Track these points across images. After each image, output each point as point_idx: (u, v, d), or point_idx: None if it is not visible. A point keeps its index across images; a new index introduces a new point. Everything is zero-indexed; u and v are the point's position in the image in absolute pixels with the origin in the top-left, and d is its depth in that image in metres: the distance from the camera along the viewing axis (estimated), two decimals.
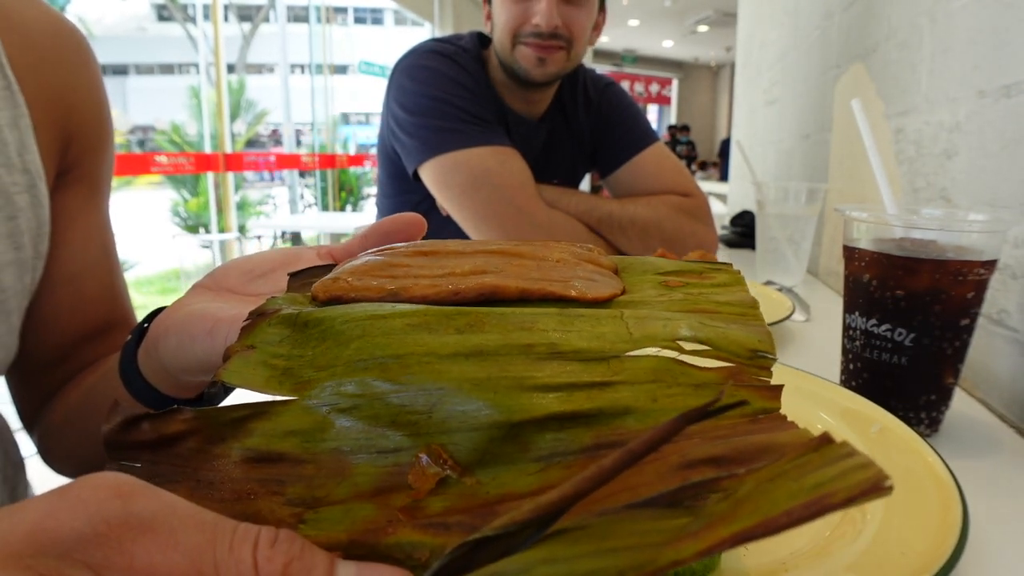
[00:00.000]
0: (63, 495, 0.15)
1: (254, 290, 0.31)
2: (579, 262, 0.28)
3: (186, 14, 12.61)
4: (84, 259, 0.45)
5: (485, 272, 0.25)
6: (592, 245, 0.31)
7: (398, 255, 0.28)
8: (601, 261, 0.29)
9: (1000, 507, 0.35)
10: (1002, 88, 0.51)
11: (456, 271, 0.26)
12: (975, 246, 0.40)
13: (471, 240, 0.28)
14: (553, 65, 0.97)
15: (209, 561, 0.15)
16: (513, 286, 0.24)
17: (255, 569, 0.16)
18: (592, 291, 0.25)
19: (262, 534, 0.16)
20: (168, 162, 4.22)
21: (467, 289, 0.24)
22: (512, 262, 0.27)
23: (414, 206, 1.08)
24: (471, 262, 0.26)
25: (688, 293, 0.27)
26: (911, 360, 0.41)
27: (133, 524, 0.15)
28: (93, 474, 0.16)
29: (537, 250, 0.28)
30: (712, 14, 8.62)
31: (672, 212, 1.01)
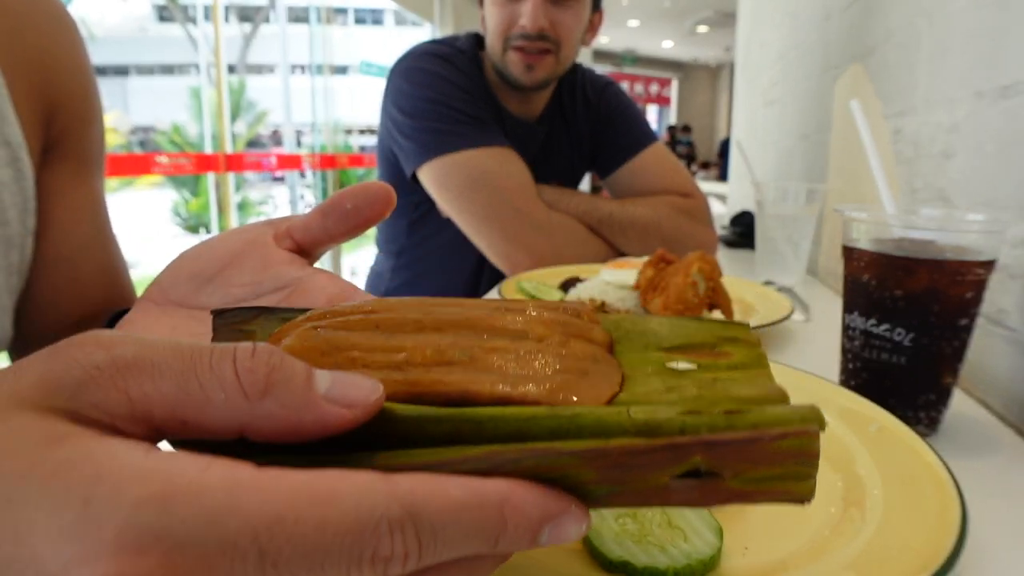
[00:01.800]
0: (53, 355, 0.17)
1: (203, 301, 0.30)
2: (566, 338, 0.23)
3: (187, 15, 12.62)
4: (77, 239, 0.44)
5: (451, 363, 0.21)
6: (580, 306, 0.25)
7: (346, 327, 0.23)
8: (593, 334, 0.24)
9: (999, 507, 0.35)
10: (1000, 89, 0.51)
11: (415, 358, 0.21)
12: (974, 246, 0.40)
13: (433, 301, 0.24)
14: (542, 71, 0.98)
15: (193, 381, 0.16)
16: (487, 391, 0.20)
17: (238, 381, 0.17)
18: (585, 394, 0.20)
19: (238, 350, 0.17)
20: (169, 162, 4.22)
21: (429, 392, 0.20)
22: (484, 343, 0.22)
23: (414, 208, 1.08)
24: (433, 342, 0.22)
25: (701, 382, 0.22)
26: (910, 360, 0.41)
27: (120, 365, 0.16)
28: (73, 336, 0.17)
29: (514, 322, 0.23)
30: (712, 14, 8.62)
31: (672, 212, 1.01)
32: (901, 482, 0.32)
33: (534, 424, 0.18)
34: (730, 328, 0.25)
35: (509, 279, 0.80)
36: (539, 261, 0.91)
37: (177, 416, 0.16)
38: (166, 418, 0.16)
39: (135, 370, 0.16)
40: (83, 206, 0.45)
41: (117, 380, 0.16)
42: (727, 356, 0.23)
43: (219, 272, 0.30)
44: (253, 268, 0.30)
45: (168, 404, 0.16)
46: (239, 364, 0.17)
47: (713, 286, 0.64)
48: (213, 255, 0.30)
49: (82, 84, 0.44)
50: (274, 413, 0.17)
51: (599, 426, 0.18)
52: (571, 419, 0.18)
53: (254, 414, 0.17)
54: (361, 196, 0.29)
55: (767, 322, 0.64)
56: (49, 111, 0.42)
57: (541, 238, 0.92)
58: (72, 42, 0.44)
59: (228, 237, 0.31)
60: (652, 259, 0.69)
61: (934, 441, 0.43)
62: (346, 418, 0.18)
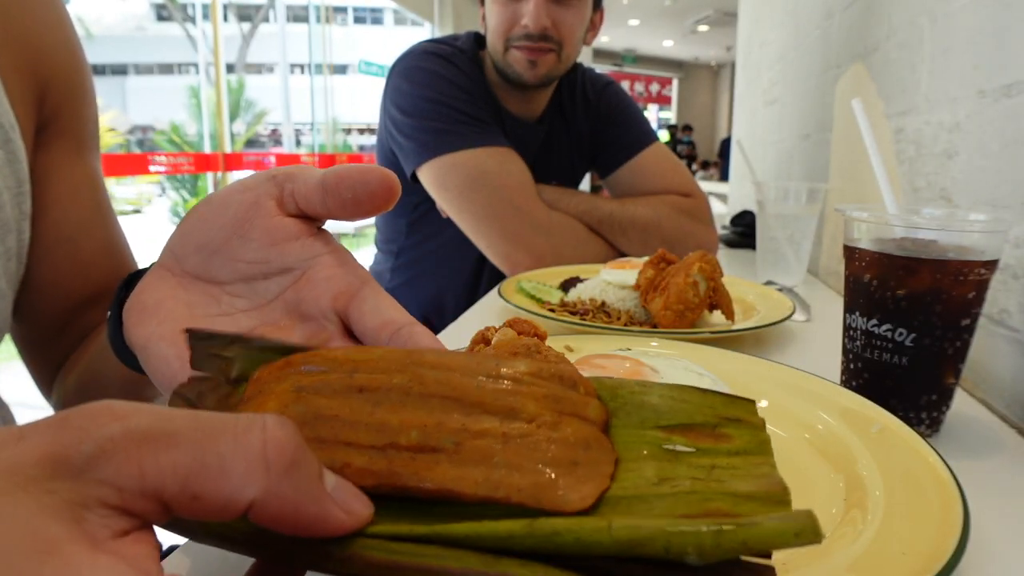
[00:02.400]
0: (62, 426, 0.15)
1: (214, 273, 0.29)
2: (559, 418, 0.21)
3: (185, 14, 12.60)
4: (76, 219, 0.44)
5: (436, 450, 0.20)
6: (576, 374, 0.24)
7: (328, 389, 0.22)
8: (587, 411, 0.22)
9: (1001, 507, 0.35)
10: (1002, 88, 0.51)
11: (399, 441, 0.20)
12: (976, 246, 0.40)
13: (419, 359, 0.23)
14: (544, 67, 0.98)
15: (212, 452, 0.16)
16: (470, 492, 0.19)
17: (264, 451, 0.16)
18: (572, 496, 0.20)
19: (269, 420, 0.17)
20: (167, 162, 4.22)
21: (413, 487, 0.20)
22: (471, 425, 0.21)
23: (413, 208, 1.08)
24: (419, 422, 0.21)
25: (697, 473, 0.21)
26: (912, 360, 0.41)
27: (135, 437, 0.15)
28: (84, 405, 0.16)
29: (504, 395, 0.22)
30: (712, 14, 8.62)
31: (672, 212, 1.01)
32: (903, 483, 0.32)
33: (513, 543, 0.18)
34: (734, 405, 0.24)
35: (509, 279, 0.80)
36: (539, 261, 0.91)
37: (189, 490, 0.16)
38: (177, 493, 0.16)
39: (150, 441, 0.15)
40: (80, 184, 0.45)
41: (131, 452, 0.15)
42: (728, 440, 0.22)
43: (226, 242, 0.28)
44: (260, 242, 0.28)
45: (181, 477, 0.16)
46: (269, 433, 0.16)
47: (714, 286, 0.64)
48: (218, 222, 0.28)
49: (72, 60, 0.44)
50: (286, 495, 0.16)
51: (578, 546, 0.17)
52: (549, 538, 0.18)
53: (269, 490, 0.16)
54: (360, 188, 0.27)
55: (768, 322, 0.63)
56: (41, 89, 0.41)
57: (541, 238, 0.92)
58: (60, 18, 0.43)
59: (231, 197, 0.29)
60: (652, 259, 0.69)
61: (936, 442, 0.42)
62: (344, 524, 0.18)
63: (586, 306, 0.71)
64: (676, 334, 0.60)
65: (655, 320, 0.64)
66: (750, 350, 0.62)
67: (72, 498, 0.15)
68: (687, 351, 0.51)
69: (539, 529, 0.18)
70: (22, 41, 0.40)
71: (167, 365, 0.27)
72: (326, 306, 0.28)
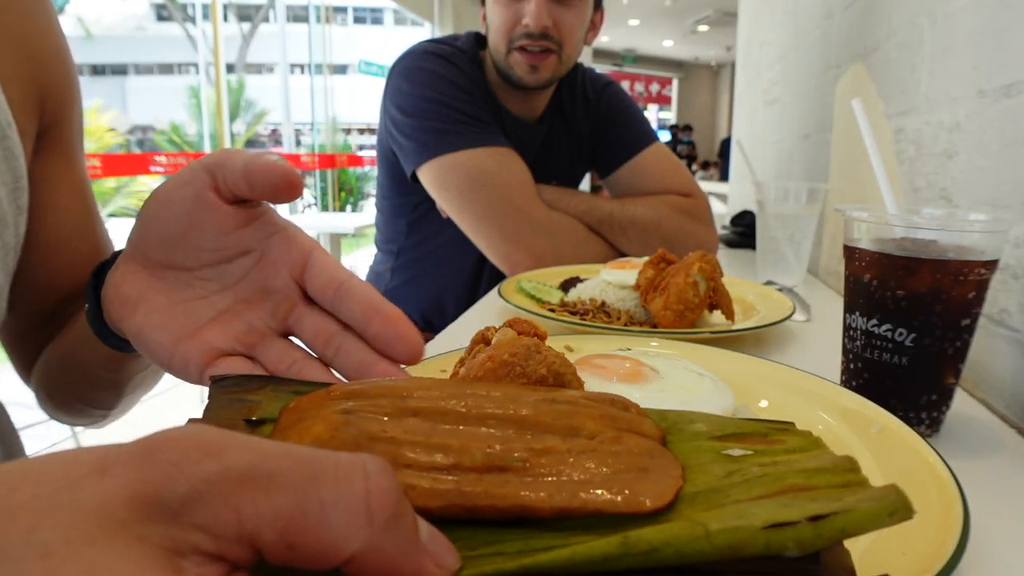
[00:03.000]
0: (149, 459, 0.14)
1: (180, 261, 0.31)
2: (619, 433, 0.22)
3: (185, 14, 12.61)
4: (72, 222, 0.46)
5: (504, 469, 0.20)
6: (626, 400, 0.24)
7: (377, 413, 0.21)
8: (644, 427, 0.23)
9: (1002, 507, 0.35)
10: (1002, 88, 0.51)
11: (462, 460, 0.20)
12: (976, 246, 0.40)
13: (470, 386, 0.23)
14: (546, 71, 0.98)
15: (313, 499, 0.14)
16: (547, 506, 0.19)
17: (366, 502, 0.15)
18: (650, 497, 0.19)
19: (370, 464, 0.15)
20: (168, 162, 4.22)
21: (484, 506, 0.19)
22: (535, 444, 0.20)
23: (413, 208, 1.08)
24: (482, 443, 0.20)
25: (763, 464, 0.21)
26: (912, 360, 0.41)
27: (232, 478, 0.14)
28: (170, 431, 0.15)
29: (562, 415, 0.22)
30: (712, 14, 8.62)
31: (672, 212, 1.01)
32: (903, 483, 0.32)
33: (609, 565, 0.17)
34: (777, 423, 0.24)
35: (509, 279, 0.80)
36: (539, 261, 0.91)
37: (287, 539, 0.14)
38: (274, 541, 0.14)
39: (249, 483, 0.14)
40: (75, 189, 0.46)
41: (229, 497, 0.14)
42: (781, 443, 0.23)
43: (183, 235, 0.30)
44: (213, 232, 0.30)
45: (281, 525, 0.14)
46: (372, 482, 0.15)
47: (714, 286, 0.64)
48: (170, 215, 0.30)
49: (66, 67, 0.45)
50: (386, 550, 0.15)
51: (678, 558, 0.17)
52: (648, 555, 0.17)
53: (371, 544, 0.15)
54: (268, 191, 0.29)
55: (768, 322, 0.63)
56: (40, 97, 0.42)
57: (541, 238, 0.92)
58: (53, 25, 0.44)
59: (172, 193, 0.30)
60: (652, 259, 0.69)
61: (936, 442, 0.42)
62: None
63: (586, 306, 0.71)
64: (676, 334, 0.60)
65: (655, 320, 0.64)
66: (750, 350, 0.62)
67: (167, 545, 0.13)
68: (687, 351, 0.51)
69: (635, 546, 0.17)
70: (22, 50, 0.41)
71: (163, 349, 0.30)
72: (286, 278, 0.31)
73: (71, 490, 0.13)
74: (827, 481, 0.20)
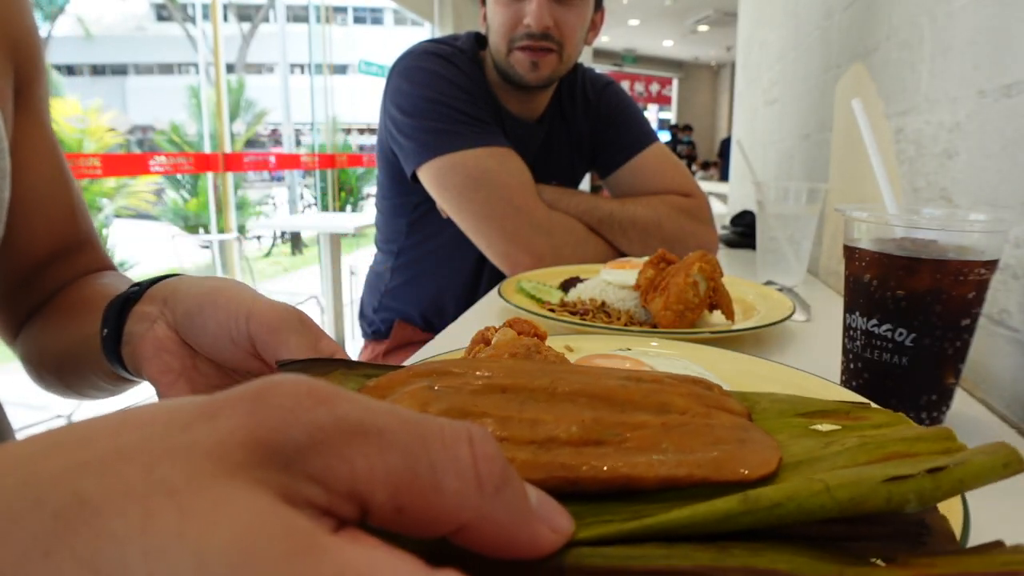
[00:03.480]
0: (258, 403, 0.13)
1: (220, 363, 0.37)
2: (708, 410, 0.22)
3: (185, 14, 12.61)
4: (48, 182, 0.47)
5: (601, 443, 0.19)
6: (709, 381, 0.24)
7: (465, 390, 0.21)
8: (730, 404, 0.23)
9: (1002, 508, 0.35)
10: (1002, 87, 0.51)
11: (558, 434, 0.19)
12: (976, 246, 0.40)
13: (556, 366, 0.22)
14: (546, 68, 0.98)
15: (424, 460, 0.14)
16: (651, 475, 0.18)
17: (475, 468, 0.14)
18: (754, 465, 0.19)
19: (474, 431, 0.15)
20: (167, 162, 4.22)
21: (587, 478, 0.18)
22: (629, 419, 0.20)
23: (413, 208, 1.08)
24: (575, 417, 0.20)
25: (858, 436, 0.21)
26: (912, 360, 0.41)
27: (346, 429, 0.13)
28: (276, 377, 0.14)
29: (651, 393, 0.21)
30: (712, 14, 8.62)
31: (672, 212, 1.01)
32: None
33: (731, 523, 0.16)
34: (856, 403, 0.25)
35: (509, 279, 0.80)
36: (539, 261, 0.91)
37: (397, 500, 0.13)
38: (384, 502, 0.13)
39: (361, 437, 0.13)
40: (49, 150, 0.48)
41: (343, 448, 0.13)
42: (867, 419, 0.23)
43: (229, 357, 0.36)
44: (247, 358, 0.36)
45: (393, 485, 0.13)
46: (477, 448, 0.14)
47: (714, 286, 0.64)
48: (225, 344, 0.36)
49: (32, 26, 0.46)
50: (499, 518, 0.14)
51: (800, 513, 0.16)
52: (770, 511, 0.16)
53: (481, 512, 0.14)
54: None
55: (768, 322, 0.63)
56: (13, 60, 0.43)
57: (541, 238, 0.91)
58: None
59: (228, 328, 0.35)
60: (653, 259, 0.69)
61: None
62: (553, 543, 0.15)
63: (586, 306, 0.71)
64: (676, 334, 0.60)
65: (655, 320, 0.64)
66: (750, 350, 0.62)
67: (282, 493, 0.12)
68: (687, 351, 0.51)
69: (756, 503, 0.17)
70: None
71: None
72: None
73: (183, 432, 0.13)
74: (928, 448, 0.20)
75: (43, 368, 0.47)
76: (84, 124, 6.03)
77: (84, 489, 0.11)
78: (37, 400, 1.97)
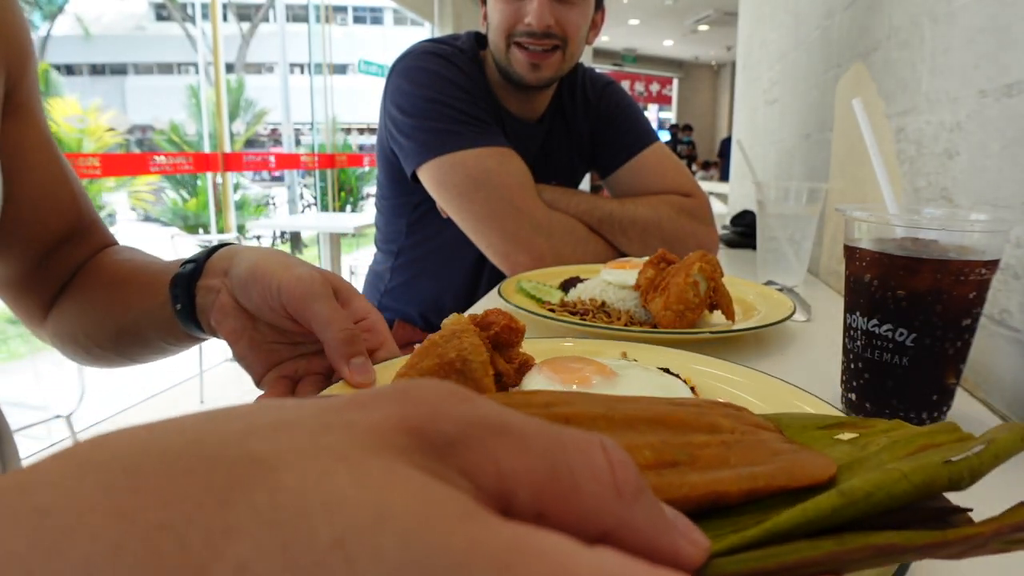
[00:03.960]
0: (407, 396, 0.13)
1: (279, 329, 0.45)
2: (751, 428, 0.23)
3: (185, 13, 12.60)
4: (53, 174, 0.50)
5: (675, 463, 0.20)
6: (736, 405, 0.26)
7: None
8: (764, 423, 0.24)
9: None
10: (1003, 87, 0.51)
11: (636, 460, 0.19)
12: (977, 246, 0.40)
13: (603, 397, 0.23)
14: (548, 69, 0.97)
15: (563, 463, 0.13)
16: (735, 488, 0.19)
17: (612, 474, 0.14)
18: (821, 468, 0.20)
19: (604, 440, 0.14)
20: (167, 162, 4.21)
21: (678, 497, 0.19)
22: (691, 440, 0.21)
23: (413, 208, 1.08)
24: (642, 442, 0.20)
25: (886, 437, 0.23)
26: (912, 360, 0.41)
27: (491, 427, 0.13)
28: (415, 380, 0.14)
29: (699, 415, 0.22)
30: (713, 13, 8.62)
31: (673, 212, 1.01)
32: None
33: (836, 517, 0.18)
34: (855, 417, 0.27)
35: (509, 279, 0.80)
36: (539, 261, 0.90)
37: (539, 504, 0.13)
38: (526, 503, 0.13)
39: (506, 438, 0.13)
40: (45, 144, 0.50)
41: (489, 445, 0.13)
42: (874, 426, 0.25)
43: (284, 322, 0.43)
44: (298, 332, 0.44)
45: (535, 486, 0.13)
46: (611, 455, 0.14)
47: (714, 286, 0.64)
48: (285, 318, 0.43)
49: (22, 25, 0.47)
50: (640, 527, 0.14)
51: (890, 500, 0.18)
52: (867, 500, 0.18)
53: (622, 519, 0.14)
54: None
55: (768, 322, 0.63)
56: (4, 56, 0.44)
57: (541, 238, 0.91)
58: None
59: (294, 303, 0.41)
60: (653, 259, 0.68)
61: None
62: (695, 558, 0.15)
63: (586, 306, 0.71)
64: (676, 334, 0.60)
65: (655, 320, 0.64)
66: (750, 350, 0.62)
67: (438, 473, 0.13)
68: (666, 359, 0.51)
69: (853, 495, 0.18)
70: None
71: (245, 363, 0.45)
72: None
73: (338, 414, 0.13)
74: (946, 439, 0.22)
75: (93, 343, 0.51)
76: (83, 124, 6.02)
77: (256, 450, 0.11)
78: (36, 400, 1.96)
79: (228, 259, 0.45)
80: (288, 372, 0.44)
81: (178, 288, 0.45)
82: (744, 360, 0.49)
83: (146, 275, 0.49)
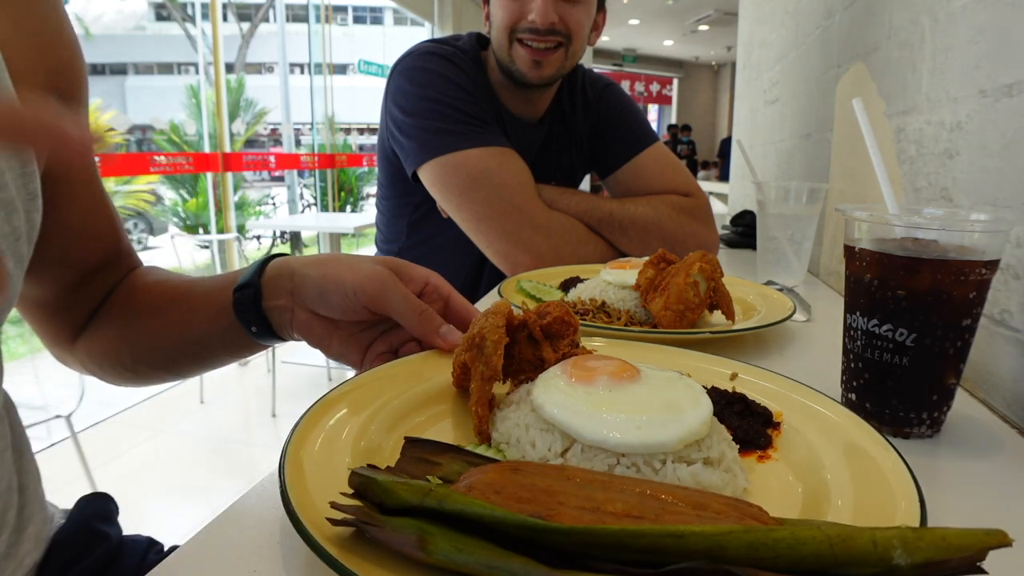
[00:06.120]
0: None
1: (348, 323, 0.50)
2: (742, 516, 0.25)
3: (185, 13, 12.59)
4: (94, 200, 0.52)
5: (640, 518, 0.24)
6: (758, 506, 0.27)
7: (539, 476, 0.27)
8: (766, 519, 0.26)
9: (1001, 507, 0.35)
10: (1003, 87, 0.51)
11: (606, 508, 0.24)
12: (977, 246, 0.40)
13: (596, 478, 0.27)
14: (550, 67, 0.97)
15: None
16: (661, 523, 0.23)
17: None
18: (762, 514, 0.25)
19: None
20: (167, 162, 4.21)
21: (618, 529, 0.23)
22: (668, 508, 0.25)
23: (414, 208, 1.08)
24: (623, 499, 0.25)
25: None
26: (912, 360, 0.41)
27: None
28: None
29: (694, 495, 0.26)
30: (713, 13, 8.62)
31: (673, 212, 1.01)
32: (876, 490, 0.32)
33: (732, 539, 0.20)
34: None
35: (509, 279, 0.80)
36: (539, 260, 0.90)
37: None
38: None
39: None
40: (93, 173, 0.52)
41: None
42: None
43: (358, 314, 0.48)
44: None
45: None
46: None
47: (714, 286, 0.64)
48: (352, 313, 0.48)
49: (76, 52, 0.47)
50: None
51: (795, 539, 0.20)
52: (767, 532, 0.20)
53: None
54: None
55: (768, 322, 0.63)
56: (55, 83, 0.44)
57: (541, 237, 0.91)
58: (63, 17, 0.46)
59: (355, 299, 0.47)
60: (653, 259, 0.68)
61: (936, 442, 0.42)
62: None
63: (586, 306, 0.71)
64: (676, 334, 0.60)
65: (655, 320, 0.64)
66: (750, 350, 0.62)
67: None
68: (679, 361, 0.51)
69: (757, 527, 0.22)
70: (35, 43, 0.42)
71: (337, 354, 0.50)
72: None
73: None
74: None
75: (143, 364, 0.54)
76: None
77: None
78: (36, 400, 1.97)
79: (288, 278, 0.49)
80: (381, 349, 0.49)
81: (248, 314, 0.49)
82: (744, 360, 0.49)
83: (195, 297, 0.52)
